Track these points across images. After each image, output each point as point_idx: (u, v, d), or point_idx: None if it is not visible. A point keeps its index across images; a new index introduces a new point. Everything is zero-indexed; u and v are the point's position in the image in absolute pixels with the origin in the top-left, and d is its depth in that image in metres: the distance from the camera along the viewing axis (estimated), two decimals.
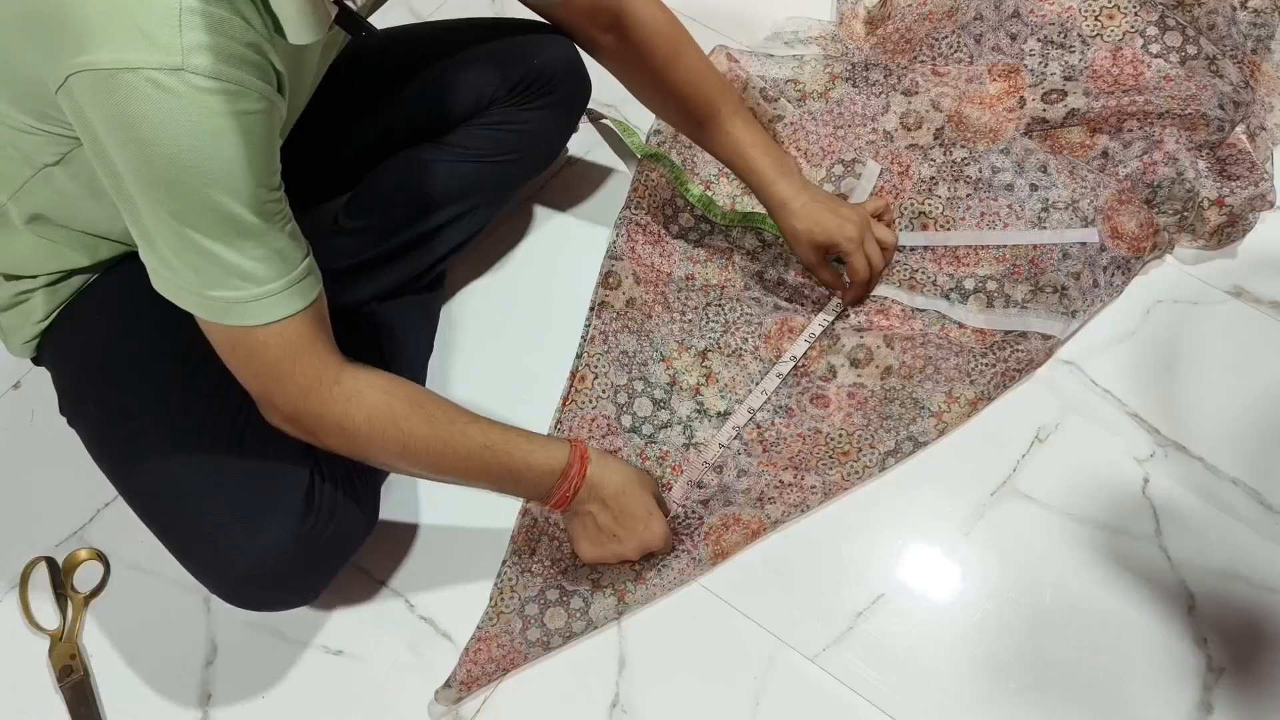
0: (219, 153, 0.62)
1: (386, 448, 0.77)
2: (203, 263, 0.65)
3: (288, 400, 0.73)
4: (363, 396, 0.75)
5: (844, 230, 1.02)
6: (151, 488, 0.84)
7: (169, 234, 0.65)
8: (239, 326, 0.69)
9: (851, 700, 0.91)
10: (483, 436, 0.81)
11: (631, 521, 0.90)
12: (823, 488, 1.00)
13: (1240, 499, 1.00)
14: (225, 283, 0.66)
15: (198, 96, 0.60)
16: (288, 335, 0.70)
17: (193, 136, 0.60)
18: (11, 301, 0.85)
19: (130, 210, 0.66)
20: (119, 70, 0.58)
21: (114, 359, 0.85)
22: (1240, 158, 1.17)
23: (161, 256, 0.66)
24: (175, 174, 0.62)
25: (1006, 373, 1.05)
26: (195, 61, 0.59)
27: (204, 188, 0.62)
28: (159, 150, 0.60)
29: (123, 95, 0.59)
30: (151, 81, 0.58)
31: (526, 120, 1.03)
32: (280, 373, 0.72)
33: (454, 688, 0.90)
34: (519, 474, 0.83)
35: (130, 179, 0.63)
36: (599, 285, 1.12)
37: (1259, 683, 0.91)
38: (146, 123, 0.59)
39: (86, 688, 0.92)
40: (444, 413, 0.80)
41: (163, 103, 0.59)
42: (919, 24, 1.28)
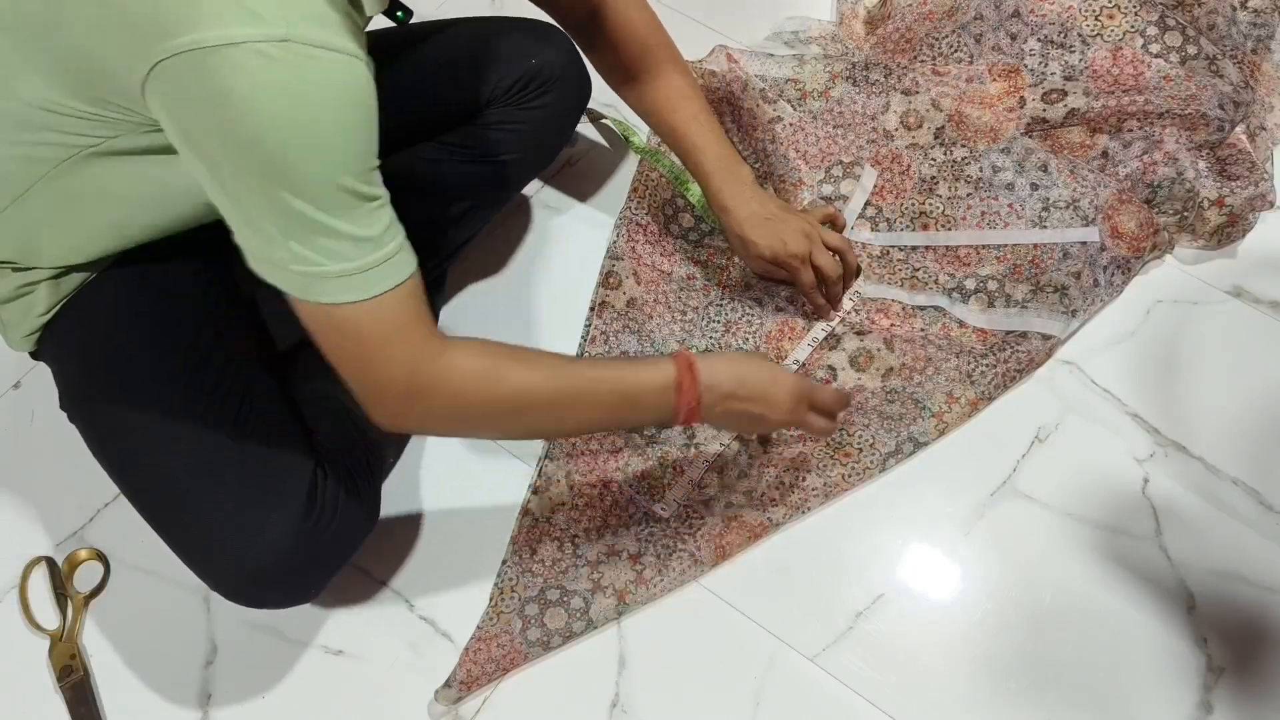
0: (332, 120, 0.61)
1: (503, 407, 0.75)
2: (309, 235, 0.63)
3: (398, 379, 0.70)
4: (469, 360, 0.73)
5: (788, 247, 1.02)
6: (153, 485, 0.84)
7: (277, 211, 0.62)
8: (349, 304, 0.66)
9: (851, 700, 0.91)
10: (591, 370, 0.80)
11: (759, 390, 0.85)
12: (823, 489, 1.00)
13: (1240, 499, 1.00)
14: (332, 254, 0.64)
15: (307, 65, 0.59)
16: (394, 307, 0.68)
17: (305, 105, 0.59)
18: (15, 294, 0.84)
19: (228, 194, 0.64)
20: (224, 46, 0.57)
21: (116, 354, 0.85)
22: (1240, 158, 1.18)
23: (267, 237, 0.64)
24: (288, 145, 0.60)
25: (1007, 373, 1.05)
26: (301, 31, 0.58)
27: (319, 157, 0.61)
28: (271, 122, 0.59)
29: (230, 70, 0.58)
30: (259, 53, 0.57)
31: (526, 120, 1.03)
32: (388, 349, 0.69)
33: (454, 687, 0.90)
34: (636, 397, 0.80)
35: (235, 158, 0.61)
36: (599, 285, 1.12)
37: (1259, 683, 0.91)
38: (256, 96, 0.58)
39: (86, 688, 0.92)
40: (543, 357, 0.78)
41: (272, 74, 0.58)
42: (919, 24, 1.28)
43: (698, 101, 1.03)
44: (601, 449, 1.02)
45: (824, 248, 1.05)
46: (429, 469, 1.04)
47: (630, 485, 1.01)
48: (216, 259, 0.92)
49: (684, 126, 1.02)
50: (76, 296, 0.86)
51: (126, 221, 0.81)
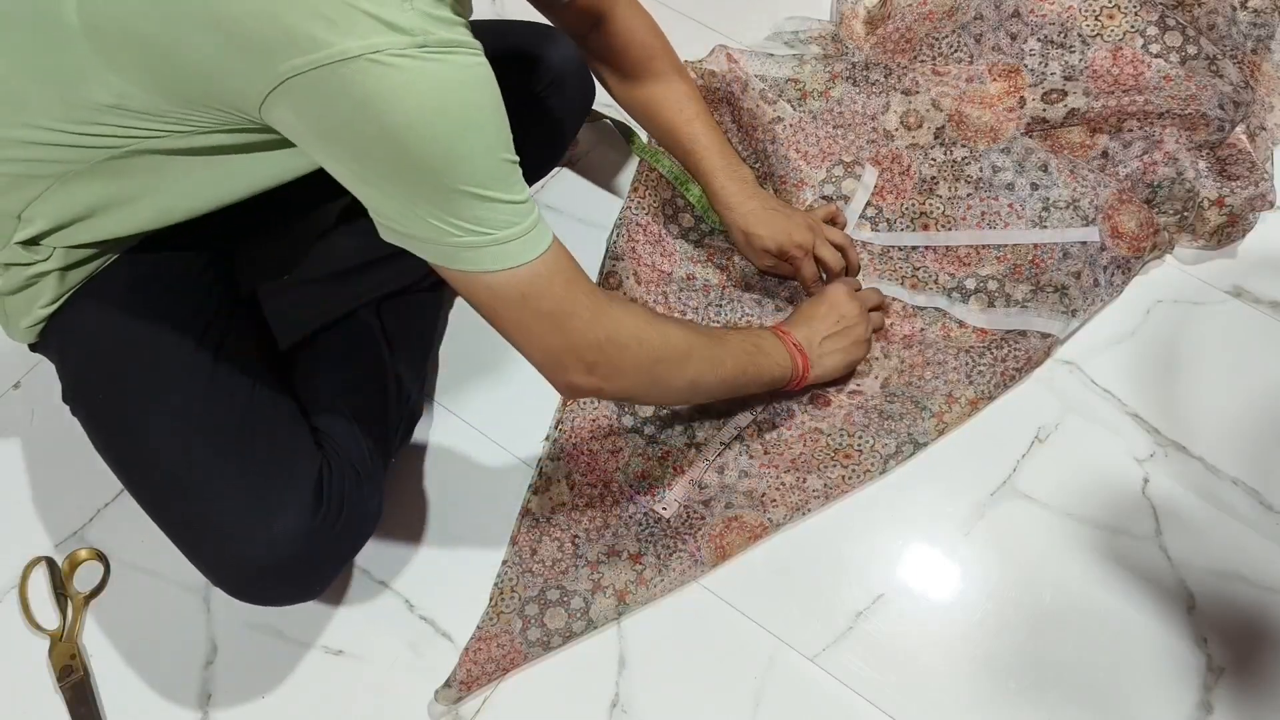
0: (479, 108, 0.65)
1: (676, 353, 0.82)
2: (482, 210, 0.67)
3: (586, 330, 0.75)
4: (631, 309, 0.80)
5: (792, 237, 1.05)
6: (157, 479, 0.83)
7: (440, 197, 0.66)
8: (526, 265, 0.70)
9: (851, 700, 0.91)
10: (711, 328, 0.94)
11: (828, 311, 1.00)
12: (824, 489, 1.00)
13: (1240, 499, 1.00)
14: (501, 222, 0.68)
15: (445, 65, 0.62)
16: (561, 258, 0.73)
17: (454, 102, 0.63)
18: (24, 284, 0.84)
19: (381, 190, 0.67)
20: (367, 55, 0.60)
21: (121, 347, 0.85)
22: (1240, 158, 1.18)
23: (433, 223, 0.67)
24: (446, 141, 0.64)
25: (1006, 373, 1.05)
26: (434, 36, 0.62)
27: (475, 144, 0.65)
28: (425, 123, 0.63)
29: (375, 77, 0.61)
30: (404, 58, 0.61)
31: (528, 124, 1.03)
32: (571, 302, 0.73)
33: (454, 687, 0.90)
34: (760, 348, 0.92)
35: (392, 160, 0.64)
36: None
37: (1259, 683, 0.91)
38: (408, 98, 0.61)
39: (86, 688, 0.92)
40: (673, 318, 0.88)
41: (418, 77, 0.61)
42: (919, 24, 1.28)
43: (697, 105, 1.05)
44: (602, 449, 1.02)
45: (826, 241, 1.08)
46: (429, 469, 1.04)
47: (631, 485, 1.01)
48: (220, 258, 0.92)
49: (685, 129, 1.04)
50: (81, 289, 0.85)
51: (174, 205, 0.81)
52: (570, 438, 1.03)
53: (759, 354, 0.92)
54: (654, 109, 1.05)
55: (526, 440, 1.04)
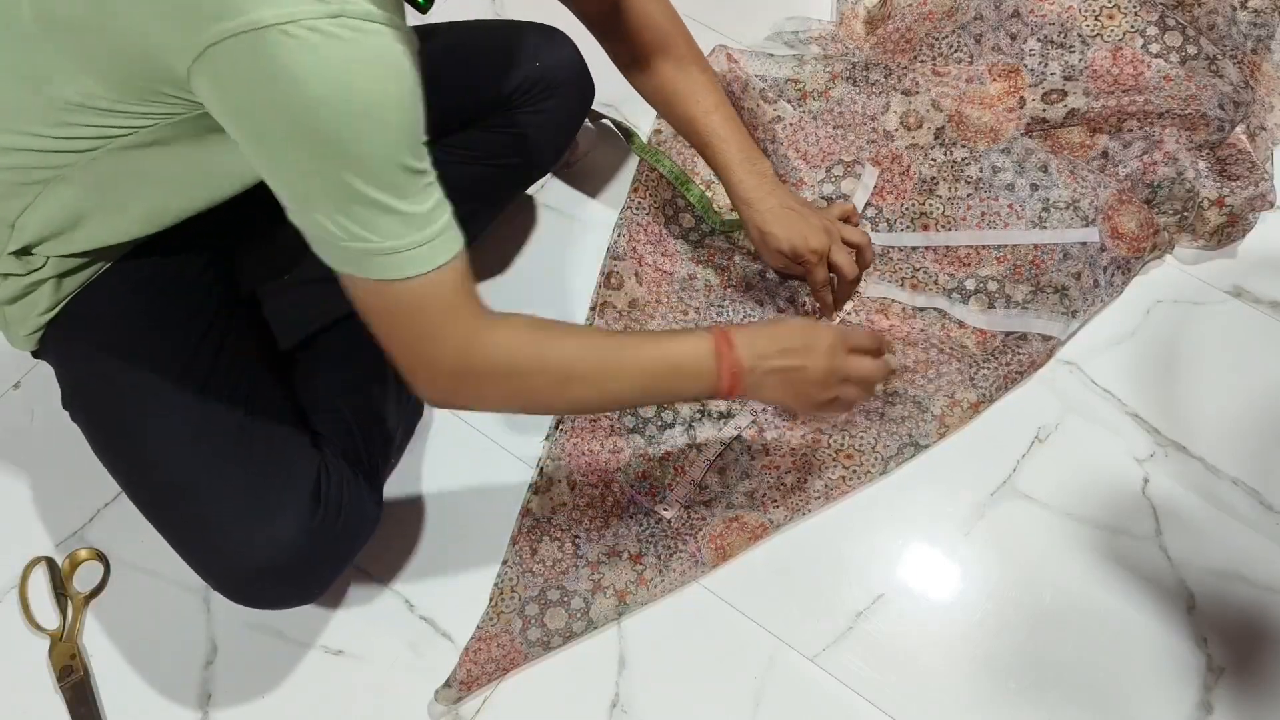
0: (387, 93, 0.61)
1: (553, 377, 0.75)
2: (369, 212, 0.64)
3: (452, 354, 0.71)
4: (517, 334, 0.74)
5: (808, 241, 0.99)
6: (156, 484, 0.83)
7: (333, 188, 0.63)
8: (402, 280, 0.67)
9: (851, 700, 0.91)
10: (633, 339, 0.80)
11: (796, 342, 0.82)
12: (824, 490, 1.00)
13: (1240, 499, 1.00)
14: (388, 231, 0.65)
15: (360, 39, 0.59)
16: (448, 282, 0.68)
17: (360, 78, 0.60)
18: (21, 292, 0.84)
19: (283, 172, 0.64)
20: (281, 24, 0.57)
21: (119, 353, 0.85)
22: (1240, 158, 1.18)
23: (323, 214, 0.64)
24: (343, 120, 0.61)
25: (1008, 375, 1.05)
26: (352, 6, 0.59)
27: (375, 133, 0.62)
28: (326, 97, 0.60)
29: (285, 47, 0.58)
30: (315, 29, 0.58)
31: (529, 123, 1.03)
32: (442, 326, 0.70)
33: (454, 687, 0.90)
34: (679, 362, 0.79)
35: (291, 135, 0.62)
36: (600, 285, 1.12)
37: (1259, 683, 0.91)
38: (312, 71, 0.59)
39: (86, 688, 0.92)
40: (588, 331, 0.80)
41: (327, 48, 0.58)
42: (919, 24, 1.28)
43: (716, 94, 1.02)
44: (602, 449, 1.02)
45: (843, 246, 1.03)
46: (429, 469, 1.04)
47: (631, 485, 1.01)
48: (218, 260, 0.92)
49: (703, 119, 1.01)
50: (79, 295, 0.86)
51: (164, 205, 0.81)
52: (571, 438, 1.03)
53: (673, 375, 0.80)
54: (671, 99, 1.02)
55: (526, 440, 1.04)
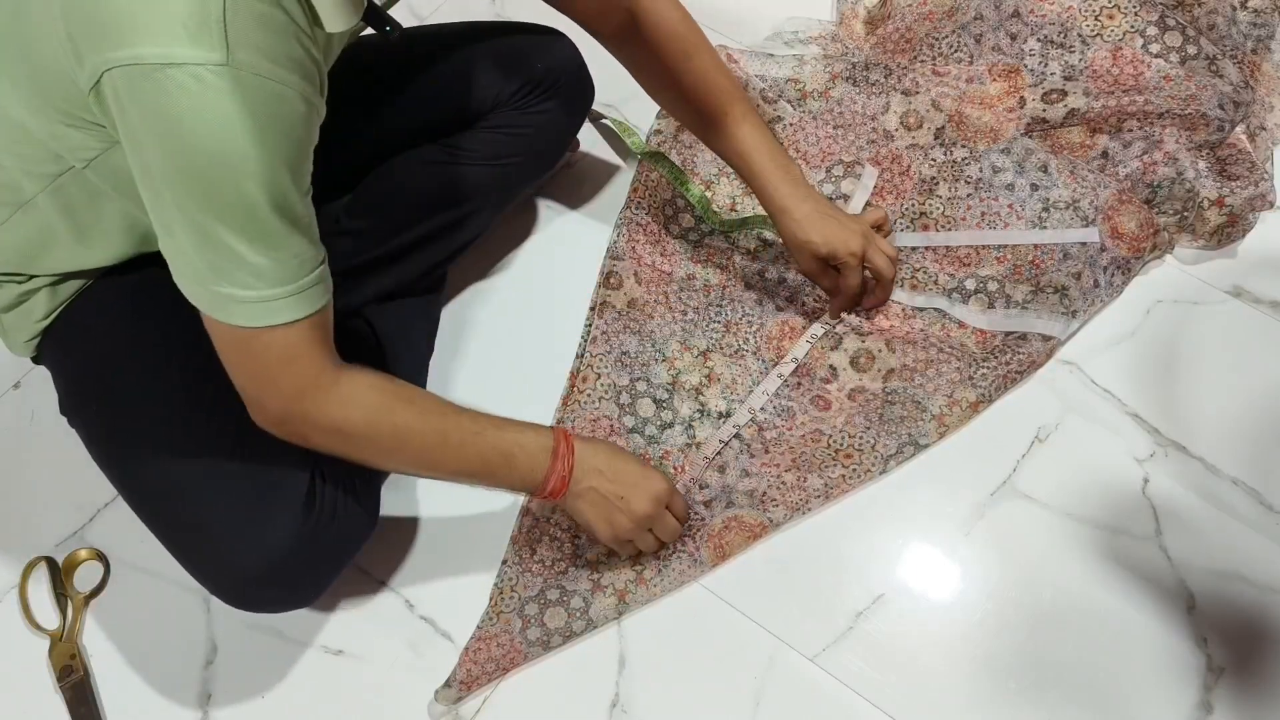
0: (256, 150, 0.62)
1: (380, 445, 0.77)
2: (219, 259, 0.65)
3: (280, 402, 0.73)
4: (356, 397, 0.75)
5: (848, 244, 1.00)
6: (152, 489, 0.84)
7: (191, 227, 0.64)
8: (243, 327, 0.68)
9: (851, 700, 0.91)
10: (473, 424, 0.81)
11: (632, 480, 0.88)
12: (824, 489, 1.00)
13: (1240, 499, 1.00)
14: (238, 280, 0.66)
15: (241, 93, 0.60)
16: (290, 339, 0.70)
17: (232, 133, 0.60)
18: (15, 301, 0.85)
19: (156, 202, 0.66)
20: (162, 65, 0.58)
21: (115, 359, 0.85)
22: (1240, 158, 1.18)
23: (180, 248, 0.66)
24: (209, 168, 0.62)
25: (1008, 375, 1.05)
26: (239, 58, 0.59)
27: (235, 184, 0.62)
28: (196, 144, 0.60)
29: (165, 89, 0.59)
30: (195, 77, 0.58)
31: (529, 124, 1.03)
32: (275, 375, 0.71)
33: (454, 687, 0.90)
34: (514, 457, 0.82)
35: (162, 171, 0.63)
36: (600, 285, 1.13)
37: (1259, 683, 0.91)
38: (187, 117, 0.59)
39: (86, 688, 0.92)
40: (435, 405, 0.80)
41: (205, 98, 0.59)
42: (919, 24, 1.28)
43: (742, 103, 1.00)
44: None
45: (879, 249, 1.04)
46: None
47: None
48: None
49: (732, 129, 0.99)
50: (74, 302, 0.86)
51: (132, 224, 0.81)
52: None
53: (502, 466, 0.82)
54: (695, 108, 0.99)
55: None
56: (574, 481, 0.85)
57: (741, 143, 0.99)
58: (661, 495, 0.90)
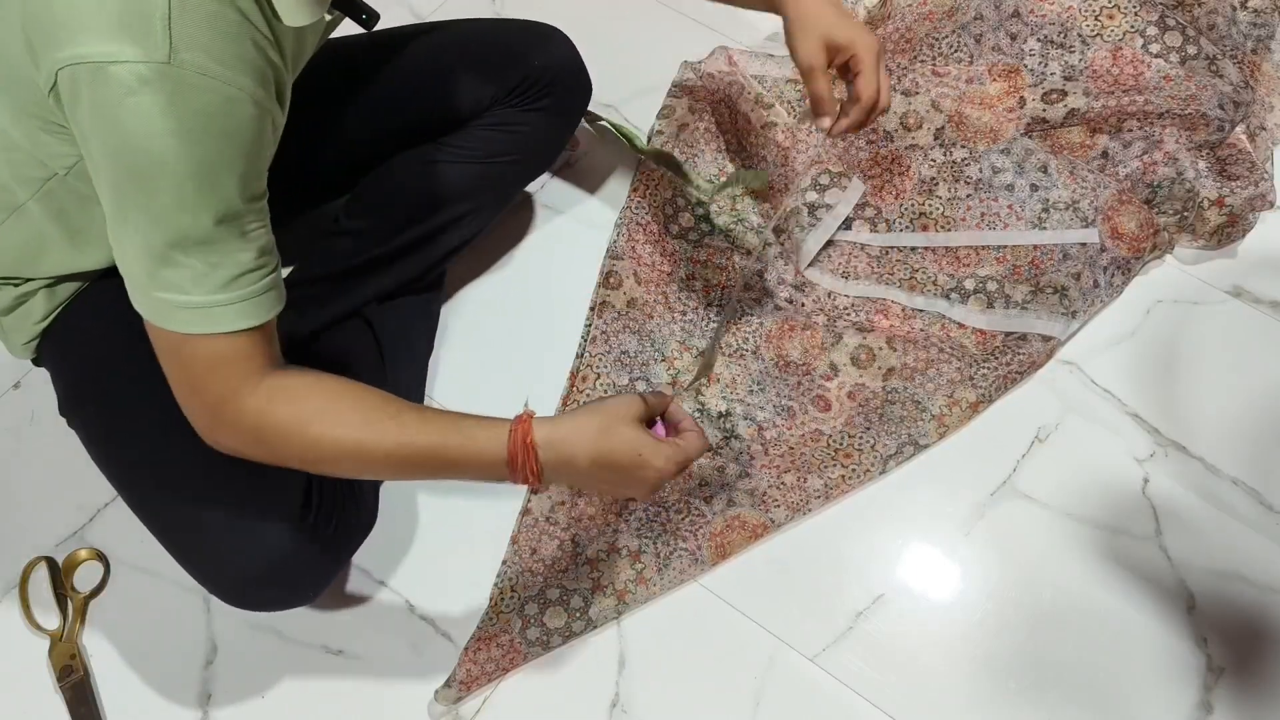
0: (195, 153, 0.60)
1: (301, 455, 0.72)
2: (155, 263, 0.64)
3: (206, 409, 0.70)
4: (279, 406, 0.70)
5: (866, 37, 0.87)
6: (150, 489, 0.84)
7: (131, 229, 0.63)
8: (176, 332, 0.66)
9: (851, 700, 0.91)
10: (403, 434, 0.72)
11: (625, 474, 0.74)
12: (824, 489, 1.00)
13: (1240, 499, 1.00)
14: (174, 285, 0.64)
15: (181, 93, 0.58)
16: (219, 348, 0.67)
17: (168, 134, 0.59)
18: (14, 303, 0.85)
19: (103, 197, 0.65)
20: (105, 64, 0.57)
21: (113, 360, 0.85)
22: (1240, 158, 1.18)
23: (123, 250, 0.65)
24: (145, 169, 0.60)
25: (1008, 375, 1.05)
26: (183, 57, 0.58)
27: (172, 187, 0.61)
28: (134, 144, 0.59)
29: (106, 87, 0.58)
30: (136, 75, 0.57)
31: (527, 121, 1.03)
32: (204, 382, 0.68)
33: (454, 687, 0.90)
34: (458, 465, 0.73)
35: (104, 171, 0.62)
36: (600, 285, 1.13)
37: (1259, 683, 0.91)
38: (125, 116, 0.58)
39: (86, 688, 0.92)
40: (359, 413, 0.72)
41: (143, 97, 0.58)
42: (919, 24, 1.28)
43: None
44: None
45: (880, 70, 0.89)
46: None
47: None
48: None
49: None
50: (72, 303, 0.86)
51: None
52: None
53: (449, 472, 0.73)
54: None
55: None
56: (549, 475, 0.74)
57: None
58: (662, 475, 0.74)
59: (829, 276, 1.14)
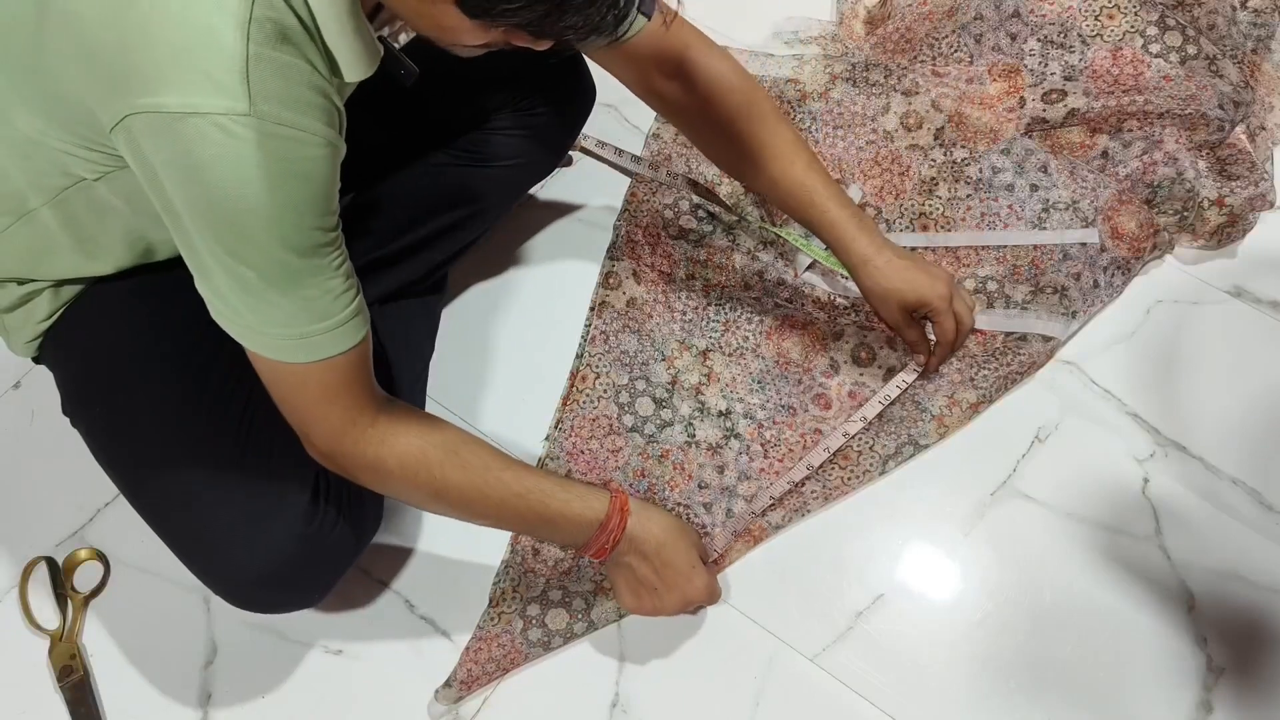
0: (281, 198, 0.62)
1: (419, 491, 0.78)
2: (255, 301, 0.66)
3: (323, 439, 0.74)
4: (396, 440, 0.75)
5: (936, 289, 0.97)
6: (155, 490, 0.83)
7: (224, 272, 0.65)
8: (283, 363, 0.69)
9: (851, 700, 0.91)
10: (518, 484, 0.81)
11: (673, 576, 0.88)
12: (823, 491, 1.00)
13: (1240, 499, 1.00)
14: (273, 319, 0.67)
15: (264, 143, 0.60)
16: (328, 376, 0.71)
17: (256, 182, 0.61)
18: (19, 301, 0.85)
19: (187, 245, 0.67)
20: (186, 114, 0.58)
21: (118, 359, 0.85)
22: (1240, 158, 1.18)
23: (216, 289, 0.67)
24: (235, 217, 0.62)
25: (1008, 376, 1.05)
26: (262, 108, 0.59)
27: (262, 231, 0.63)
28: (221, 193, 0.61)
29: (187, 139, 0.59)
30: (218, 127, 0.59)
31: (531, 126, 1.03)
32: (317, 413, 0.73)
33: (454, 687, 0.90)
34: (555, 523, 0.83)
35: (189, 217, 0.64)
36: (599, 285, 1.13)
37: (1259, 683, 0.91)
38: (211, 167, 0.60)
39: (86, 688, 0.92)
40: (479, 458, 0.79)
41: (228, 148, 0.59)
42: (919, 24, 1.28)
43: (807, 153, 0.96)
44: (602, 448, 1.03)
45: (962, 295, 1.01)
46: None
47: (630, 484, 1.00)
48: None
49: (801, 181, 0.95)
50: (77, 303, 0.86)
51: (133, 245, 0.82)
52: (570, 437, 1.03)
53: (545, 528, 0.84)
54: (759, 163, 0.95)
55: (526, 440, 1.04)
56: (615, 554, 0.85)
57: (813, 194, 0.95)
58: (696, 601, 0.90)
59: (828, 278, 1.14)
